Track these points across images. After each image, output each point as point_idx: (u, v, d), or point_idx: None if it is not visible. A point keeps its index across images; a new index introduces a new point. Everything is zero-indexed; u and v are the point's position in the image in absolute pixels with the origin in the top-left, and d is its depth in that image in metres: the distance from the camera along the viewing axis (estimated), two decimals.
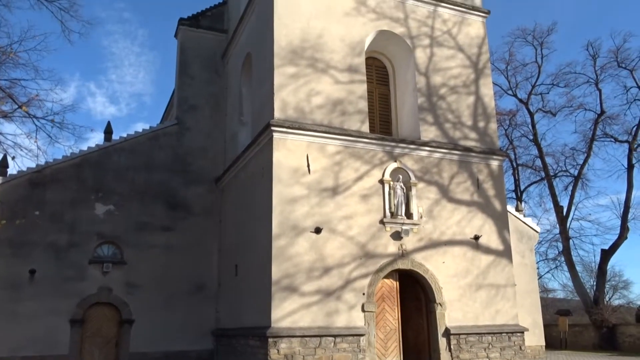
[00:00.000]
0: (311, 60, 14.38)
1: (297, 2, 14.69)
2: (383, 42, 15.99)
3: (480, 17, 17.21)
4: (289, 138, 13.48)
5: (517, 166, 33.90)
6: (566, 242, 28.67)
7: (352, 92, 14.66)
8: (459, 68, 16.42)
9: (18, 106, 12.31)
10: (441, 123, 15.68)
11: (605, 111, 29.12)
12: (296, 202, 13.19)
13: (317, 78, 14.30)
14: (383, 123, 16.02)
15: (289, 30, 14.35)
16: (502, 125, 32.55)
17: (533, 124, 31.14)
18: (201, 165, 18.49)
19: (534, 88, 31.40)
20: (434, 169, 15.13)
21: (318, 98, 14.18)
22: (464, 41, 16.76)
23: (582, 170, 29.50)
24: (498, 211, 15.70)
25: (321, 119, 14.03)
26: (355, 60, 14.98)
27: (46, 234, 16.13)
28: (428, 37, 16.27)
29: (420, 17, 16.29)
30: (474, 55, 16.78)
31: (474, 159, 15.74)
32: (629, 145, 28.26)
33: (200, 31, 19.96)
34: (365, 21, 15.46)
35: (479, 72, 16.70)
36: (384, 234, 14.02)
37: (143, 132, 18.30)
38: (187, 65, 19.55)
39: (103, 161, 17.40)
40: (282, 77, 13.90)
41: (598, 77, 29.48)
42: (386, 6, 15.87)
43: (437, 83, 15.97)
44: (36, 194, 16.39)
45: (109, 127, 19.05)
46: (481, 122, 16.30)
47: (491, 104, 16.66)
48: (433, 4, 16.52)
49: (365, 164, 14.28)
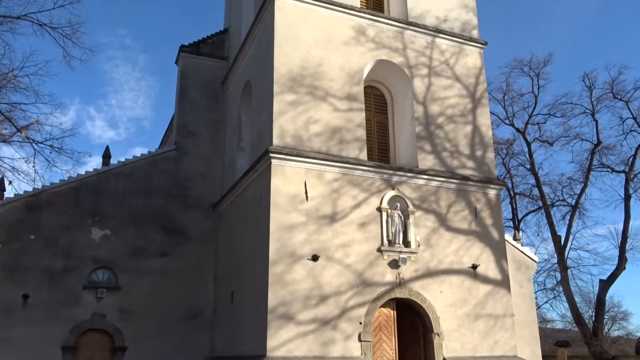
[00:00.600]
0: (310, 88, 14.51)
1: (297, 32, 14.90)
2: (382, 71, 16.16)
3: (477, 48, 17.45)
4: (287, 165, 13.51)
5: (515, 195, 33.94)
6: (564, 272, 28.53)
7: (351, 120, 14.76)
8: (456, 97, 16.57)
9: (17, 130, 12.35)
10: (439, 152, 15.75)
11: (602, 141, 29.36)
12: (294, 229, 13.14)
13: (316, 106, 14.41)
14: (381, 151, 16.08)
15: (288, 58, 14.51)
16: (499, 154, 32.73)
17: (530, 154, 31.31)
18: (199, 191, 18.47)
19: (530, 118, 31.69)
20: (431, 197, 15.14)
21: (317, 125, 14.27)
22: (461, 71, 16.95)
23: (579, 200, 29.56)
24: (496, 240, 15.65)
25: (319, 147, 14.08)
26: (354, 88, 15.12)
27: (41, 258, 16.00)
28: (426, 66, 16.46)
29: (419, 48, 16.51)
30: (471, 85, 16.96)
31: (472, 188, 15.76)
32: (625, 176, 28.39)
33: (201, 58, 20.17)
34: (364, 50, 15.65)
35: (477, 102, 16.85)
36: (382, 262, 13.94)
37: (141, 156, 18.32)
38: (187, 91, 19.70)
39: (101, 185, 17.38)
40: (281, 104, 14.00)
41: (594, 107, 29.81)
42: (385, 36, 16.10)
43: (435, 112, 16.10)
44: (32, 217, 16.31)
45: (108, 152, 19.09)
46: (479, 151, 16.38)
47: (488, 133, 16.76)
48: (431, 34, 16.76)
49: (363, 191, 14.29)
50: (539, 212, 32.48)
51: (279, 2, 14.92)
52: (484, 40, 17.63)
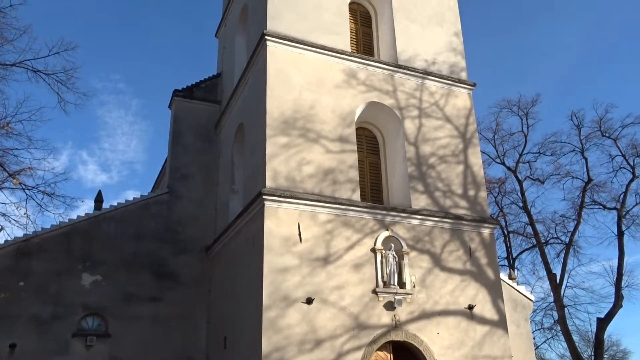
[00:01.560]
0: (303, 130, 14.64)
1: (289, 75, 15.14)
2: (373, 113, 16.37)
3: (466, 90, 17.76)
4: (280, 207, 13.48)
5: (508, 233, 33.95)
6: (561, 310, 28.23)
7: (343, 161, 14.84)
8: (447, 138, 16.76)
9: (9, 175, 12.32)
10: (432, 191, 15.81)
11: (593, 179, 29.60)
12: (287, 272, 13.00)
13: (308, 148, 14.50)
14: (374, 192, 16.12)
15: (280, 101, 14.69)
16: (491, 193, 32.90)
17: (522, 192, 31.46)
18: (191, 234, 18.32)
19: (521, 156, 31.98)
20: (425, 237, 15.10)
21: (309, 167, 14.32)
22: (451, 112, 17.20)
23: (573, 238, 29.53)
24: (491, 280, 15.54)
25: (312, 188, 14.10)
26: (346, 130, 15.27)
27: (30, 305, 15.66)
28: (417, 108, 16.71)
29: (409, 90, 16.79)
30: (461, 126, 17.18)
31: (466, 227, 15.75)
32: (617, 213, 28.50)
33: (194, 102, 20.38)
34: (355, 93, 15.89)
35: (467, 142, 17.04)
36: (377, 304, 13.75)
37: (134, 200, 18.24)
38: (180, 134, 19.81)
39: (92, 230, 17.21)
40: (274, 146, 14.09)
41: (583, 146, 30.19)
42: (375, 79, 16.38)
43: (427, 152, 16.24)
44: (22, 264, 16.05)
45: (100, 196, 19.01)
46: (471, 190, 16.45)
47: (480, 172, 16.88)
48: (421, 77, 17.08)
49: (357, 232, 14.23)
50: (533, 250, 32.44)
51: (271, 47, 15.22)
52: (472, 81, 17.97)
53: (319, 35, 16.04)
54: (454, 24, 18.71)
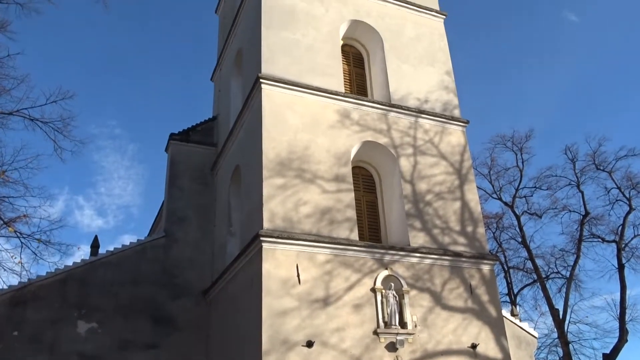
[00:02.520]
0: (299, 171, 14.69)
1: (285, 117, 15.30)
2: (368, 152, 16.48)
3: (460, 127, 17.95)
4: (278, 248, 13.38)
5: (509, 269, 33.70)
6: (565, 347, 27.77)
7: (340, 200, 14.84)
8: (443, 175, 16.83)
9: (4, 223, 12.25)
10: (429, 229, 15.76)
11: (590, 212, 29.65)
12: (287, 315, 12.79)
13: (304, 188, 14.52)
14: (372, 230, 16.06)
15: (276, 143, 14.79)
16: (489, 228, 32.84)
17: (520, 227, 31.42)
18: (188, 278, 18.11)
19: (517, 191, 32.10)
20: (425, 275, 14.96)
21: (306, 207, 14.30)
22: (446, 149, 17.33)
23: (573, 272, 29.33)
24: (494, 317, 15.32)
25: (310, 228, 14.04)
26: (342, 170, 15.33)
27: (24, 356, 15.27)
28: (411, 146, 16.84)
29: (403, 128, 16.96)
30: (456, 162, 17.28)
31: (465, 264, 15.63)
32: (616, 245, 28.40)
33: (191, 145, 20.49)
34: (350, 133, 16.03)
35: (463, 178, 17.10)
36: (379, 345, 13.49)
37: (130, 245, 18.10)
38: (177, 177, 19.83)
39: (88, 276, 17.00)
40: (271, 188, 14.10)
41: (579, 179, 30.37)
42: (369, 118, 16.57)
43: (423, 190, 16.27)
44: (16, 313, 15.76)
45: (96, 241, 18.88)
46: (469, 226, 16.41)
47: (477, 208, 16.89)
48: (414, 115, 17.29)
49: (356, 272, 14.10)
50: (534, 285, 32.15)
51: (266, 89, 15.43)
52: (465, 119, 18.17)
53: (313, 77, 16.30)
54: (445, 63, 19.07)
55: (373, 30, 18.45)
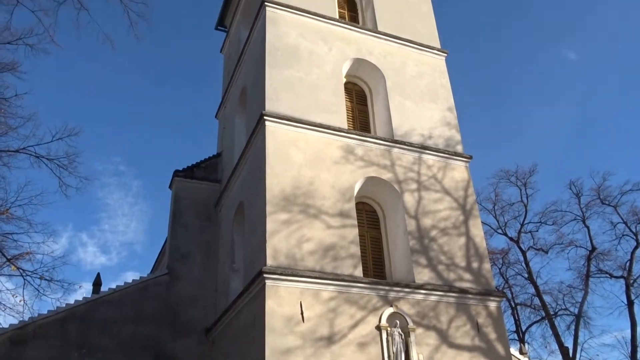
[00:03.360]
0: (303, 206, 14.67)
1: (288, 153, 15.39)
2: (372, 188, 16.49)
3: (463, 162, 17.99)
4: (281, 285, 13.25)
5: (516, 306, 33.18)
6: None
7: (344, 236, 14.76)
8: (447, 210, 16.77)
9: (7, 260, 12.20)
10: (435, 265, 15.60)
11: (596, 247, 29.40)
12: (290, 354, 12.55)
13: (308, 224, 14.47)
14: (376, 267, 15.91)
15: (280, 178, 14.83)
16: (495, 264, 32.49)
17: (526, 262, 31.12)
18: (191, 315, 17.87)
19: (522, 226, 31.95)
20: (431, 312, 14.72)
21: (310, 244, 14.22)
22: (449, 185, 17.33)
23: (582, 309, 28.89)
24: (502, 356, 14.98)
25: (314, 265, 13.92)
26: (346, 205, 15.31)
27: None
28: (415, 181, 16.85)
29: (406, 164, 17.01)
30: (460, 198, 17.24)
31: (471, 301, 15.40)
32: (625, 281, 28.03)
33: (195, 182, 20.56)
34: (354, 168, 16.08)
35: (468, 214, 17.03)
36: None
37: (133, 282, 17.95)
38: (180, 214, 19.82)
39: (90, 314, 16.81)
40: (274, 224, 14.06)
41: (584, 214, 30.24)
42: (373, 154, 16.64)
43: (428, 225, 16.19)
44: (16, 352, 15.50)
45: (99, 279, 18.75)
46: (474, 262, 16.24)
47: (482, 244, 16.75)
48: (417, 151, 17.35)
49: (361, 309, 13.89)
50: (542, 322, 31.60)
51: (270, 126, 15.58)
52: (468, 154, 18.22)
53: (317, 114, 16.47)
54: (447, 99, 19.27)
55: (375, 68, 18.74)
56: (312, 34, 18.27)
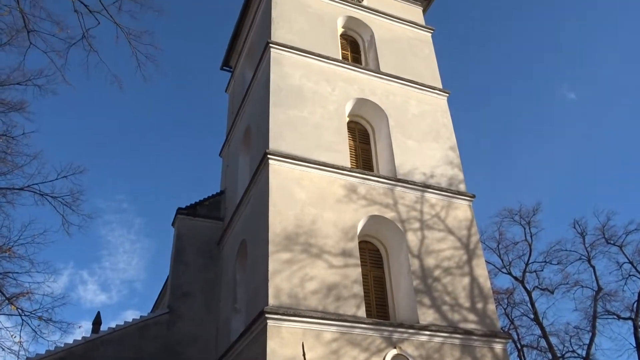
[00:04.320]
0: (305, 245, 14.60)
1: (291, 191, 15.42)
2: (375, 226, 16.43)
3: (466, 201, 17.97)
4: (283, 325, 13.05)
5: (522, 347, 32.45)
6: None
7: (347, 276, 14.63)
8: (451, 250, 16.65)
9: (6, 299, 12.10)
10: (439, 305, 15.39)
11: (603, 288, 28.99)
12: None
13: (311, 263, 14.37)
14: (379, 307, 15.70)
15: (283, 217, 14.82)
16: (500, 304, 32.02)
17: (532, 303, 30.66)
18: (192, 356, 17.57)
19: (527, 266, 31.62)
20: (435, 354, 14.43)
21: (312, 283, 14.09)
22: (453, 224, 17.26)
23: (590, 351, 28.25)
24: None
25: (316, 305, 13.75)
26: (349, 244, 15.23)
27: None
28: (418, 220, 16.80)
29: (409, 202, 17.00)
30: (464, 237, 17.15)
31: (476, 343, 15.12)
32: (633, 323, 27.53)
33: (197, 219, 20.55)
34: (356, 207, 16.07)
35: (471, 253, 16.90)
36: None
37: (133, 321, 17.74)
38: (183, 252, 19.75)
39: (88, 355, 16.53)
40: (277, 263, 13.97)
41: (589, 254, 29.97)
42: (376, 193, 16.66)
43: (431, 265, 16.05)
44: None
45: (98, 318, 18.55)
46: (479, 303, 16.03)
47: (487, 284, 16.56)
48: (420, 190, 17.37)
49: (364, 351, 13.64)
50: None
51: (273, 165, 15.67)
52: (471, 193, 18.22)
53: (320, 153, 16.58)
54: (449, 139, 19.41)
55: (378, 108, 18.97)
56: (316, 74, 18.60)
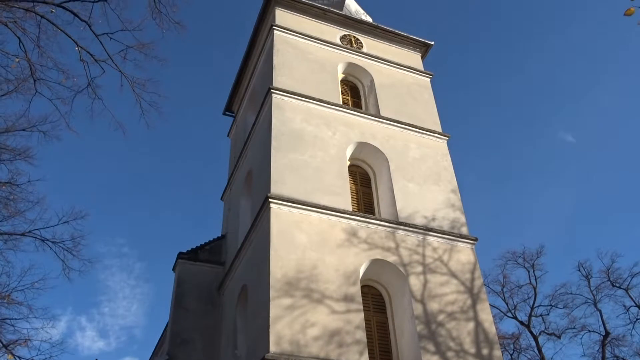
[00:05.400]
0: (306, 291, 14.43)
1: (292, 235, 15.36)
2: (377, 270, 16.28)
3: (468, 245, 17.85)
4: None
5: None
6: None
7: (349, 321, 14.39)
8: (454, 294, 16.43)
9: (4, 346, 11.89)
10: (443, 351, 15.07)
11: (610, 332, 28.43)
12: None
13: (312, 309, 14.17)
14: (383, 353, 15.37)
15: (284, 262, 14.70)
16: (506, 349, 31.35)
17: (539, 348, 30.04)
18: None
19: (533, 310, 31.15)
20: None
21: (314, 329, 13.85)
22: (456, 267, 17.10)
23: None
24: None
25: (318, 352, 13.47)
26: (351, 289, 15.05)
27: None
28: (420, 264, 16.65)
29: (411, 246, 16.90)
30: (467, 281, 16.96)
31: None
32: None
33: (198, 264, 20.41)
34: (358, 251, 15.96)
35: (475, 297, 16.67)
36: None
37: None
38: (183, 297, 19.51)
39: None
40: (278, 309, 13.77)
41: (595, 297, 29.55)
42: (377, 236, 16.58)
43: (435, 310, 15.81)
44: None
45: None
46: (484, 349, 15.69)
47: (492, 329, 16.26)
48: (422, 233, 17.29)
49: None
50: None
51: (274, 209, 15.67)
52: (474, 236, 18.12)
53: (321, 196, 16.61)
54: (450, 182, 19.46)
55: (379, 151, 19.11)
56: (317, 119, 18.84)
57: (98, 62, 11.47)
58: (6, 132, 14.45)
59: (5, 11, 11.57)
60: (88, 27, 12.13)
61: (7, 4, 11.64)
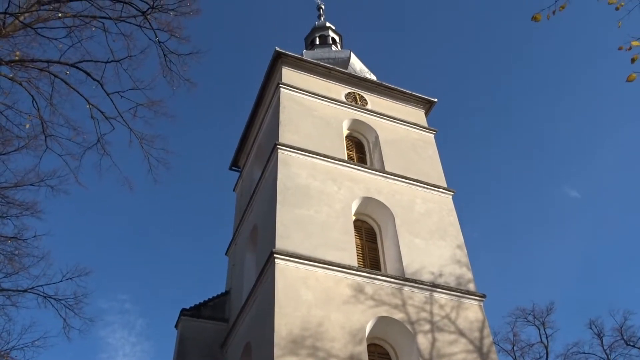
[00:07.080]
0: (312, 349, 14.09)
1: (298, 292, 15.14)
2: (383, 328, 15.93)
3: (476, 301, 17.51)
4: None
5: None
6: None
7: None
8: (463, 353, 15.99)
9: None
10: None
11: None
12: None
13: None
14: None
15: (289, 319, 14.43)
16: None
17: None
18: None
19: None
20: None
21: None
22: (464, 325, 16.72)
23: None
24: None
25: None
26: (357, 348, 14.68)
27: None
28: (428, 322, 16.30)
29: (418, 303, 16.60)
30: (476, 339, 16.53)
31: None
32: None
33: (201, 321, 20.07)
34: (364, 308, 15.68)
35: (485, 357, 16.20)
36: None
37: None
38: (185, 355, 19.08)
39: None
40: None
41: (608, 356, 28.65)
42: (384, 293, 16.32)
43: None
44: None
45: None
46: None
47: None
48: (429, 289, 17.02)
49: None
50: None
51: (279, 264, 15.53)
52: (481, 292, 17.81)
53: (326, 252, 16.48)
54: (456, 237, 19.31)
55: (384, 207, 19.10)
56: (322, 174, 18.96)
57: (108, 119, 11.73)
58: (15, 187, 14.62)
59: (21, 71, 11.95)
60: (100, 86, 12.47)
61: (23, 64, 12.03)
